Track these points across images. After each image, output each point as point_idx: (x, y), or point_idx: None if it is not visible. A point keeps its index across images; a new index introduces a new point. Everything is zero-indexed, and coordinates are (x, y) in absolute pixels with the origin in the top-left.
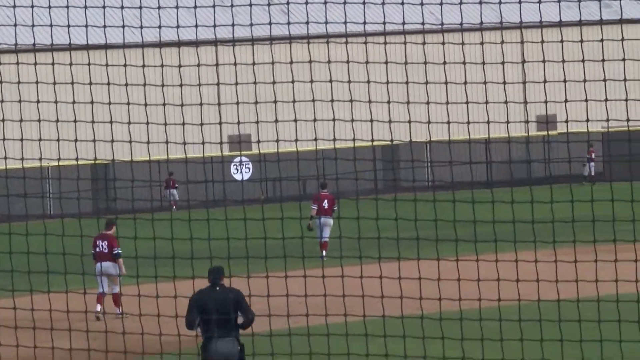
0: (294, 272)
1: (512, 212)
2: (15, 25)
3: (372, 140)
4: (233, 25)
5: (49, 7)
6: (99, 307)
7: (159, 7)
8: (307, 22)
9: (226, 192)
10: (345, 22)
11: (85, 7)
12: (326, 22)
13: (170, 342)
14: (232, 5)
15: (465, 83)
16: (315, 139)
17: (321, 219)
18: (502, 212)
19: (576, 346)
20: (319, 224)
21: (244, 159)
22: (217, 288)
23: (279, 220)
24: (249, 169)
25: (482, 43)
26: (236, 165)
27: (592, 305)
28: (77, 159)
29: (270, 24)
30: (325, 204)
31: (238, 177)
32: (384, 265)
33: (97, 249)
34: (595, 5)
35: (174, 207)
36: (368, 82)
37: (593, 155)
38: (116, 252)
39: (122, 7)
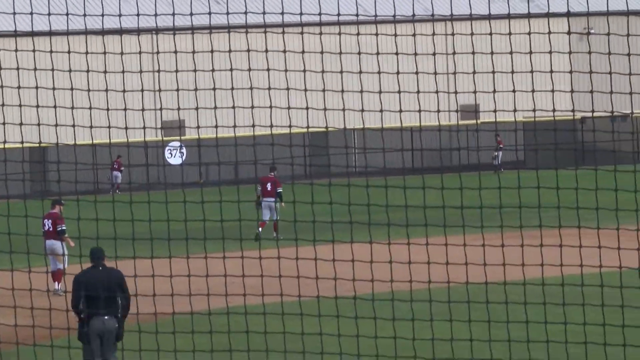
0: (231, 253)
1: (442, 197)
2: None
3: (308, 127)
4: (173, 14)
5: None
6: (57, 285)
7: None
8: (245, 12)
9: (164, 175)
10: (282, 13)
11: None
12: (264, 13)
13: None
14: None
15: (398, 73)
16: (253, 125)
17: (263, 202)
18: (432, 197)
19: (503, 327)
20: (261, 205)
21: (178, 144)
22: (101, 268)
23: (217, 203)
24: (183, 153)
25: (414, 35)
26: (170, 150)
27: (518, 288)
28: (22, 142)
29: (209, 13)
30: (269, 186)
31: (172, 161)
32: (319, 247)
33: (44, 228)
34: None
35: (117, 189)
36: (304, 71)
37: (502, 145)
38: (60, 229)
39: None
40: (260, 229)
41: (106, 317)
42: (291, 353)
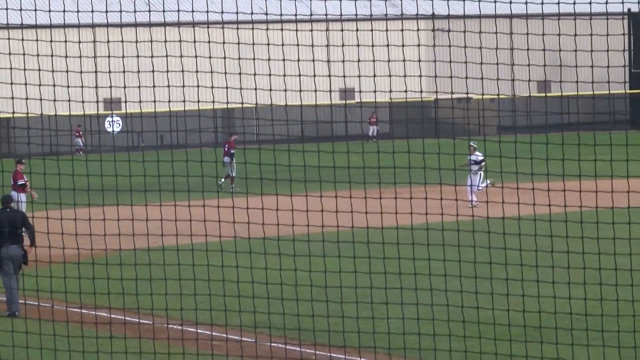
0: (166, 202)
1: (333, 160)
2: None
3: (227, 103)
4: (121, 11)
5: None
6: None
7: None
8: (178, 11)
9: (113, 141)
10: (207, 12)
11: None
12: (192, 11)
13: (71, 255)
14: None
15: (299, 61)
16: (184, 101)
17: (224, 159)
18: (325, 160)
19: (380, 262)
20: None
21: (115, 117)
22: (7, 210)
23: (155, 162)
24: (119, 124)
25: (311, 30)
26: (109, 122)
27: (392, 232)
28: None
29: (149, 11)
30: (226, 147)
31: (110, 130)
32: (236, 199)
33: None
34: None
35: (80, 152)
36: (224, 58)
37: (375, 120)
38: (19, 183)
39: None
40: (230, 183)
41: (14, 246)
42: (213, 281)
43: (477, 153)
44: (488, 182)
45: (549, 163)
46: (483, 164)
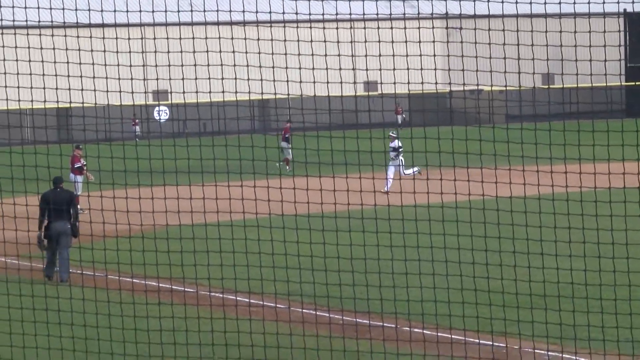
0: (208, 183)
1: (357, 145)
2: None
3: (262, 94)
4: (166, 11)
5: None
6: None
7: None
8: (217, 11)
9: (160, 128)
10: (242, 11)
11: None
12: (230, 11)
13: (123, 230)
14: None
15: (326, 56)
16: (223, 92)
17: (281, 143)
18: (349, 145)
19: (400, 237)
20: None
21: (162, 107)
22: (58, 189)
23: (197, 147)
24: (166, 113)
25: (337, 28)
26: (158, 111)
27: (410, 209)
28: (57, 102)
29: (191, 11)
30: (282, 133)
31: (157, 118)
32: (270, 180)
33: None
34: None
35: (137, 139)
36: (259, 53)
37: (400, 110)
38: (76, 166)
39: None
40: (286, 165)
41: (64, 222)
42: (251, 254)
43: (395, 141)
44: (415, 170)
45: (551, 148)
46: (400, 150)
